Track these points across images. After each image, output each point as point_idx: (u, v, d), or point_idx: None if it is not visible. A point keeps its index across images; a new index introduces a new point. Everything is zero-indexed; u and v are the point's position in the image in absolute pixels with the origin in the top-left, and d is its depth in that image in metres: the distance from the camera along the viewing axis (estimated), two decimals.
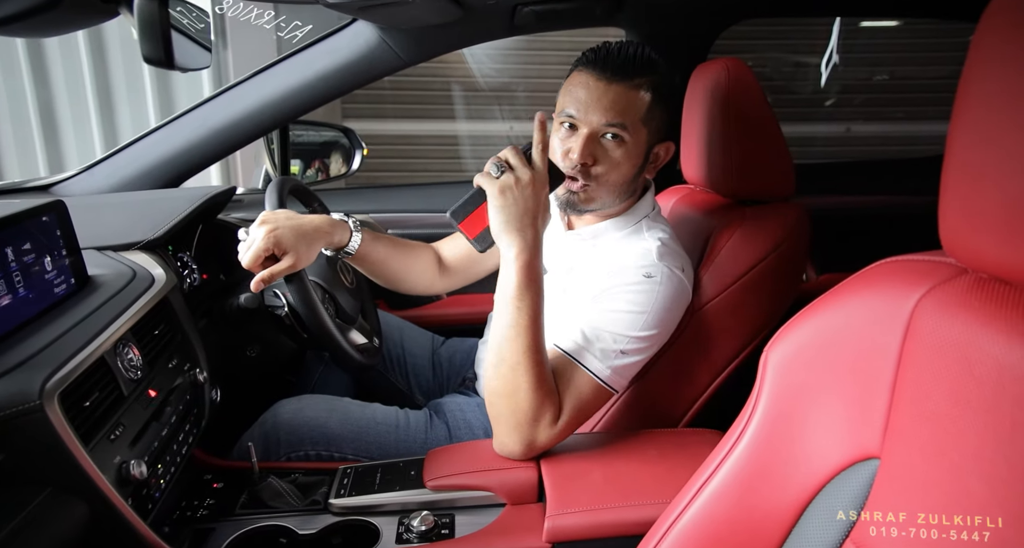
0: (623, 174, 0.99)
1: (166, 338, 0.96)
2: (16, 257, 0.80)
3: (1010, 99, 0.43)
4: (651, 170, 1.05)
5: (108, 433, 0.75)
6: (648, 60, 0.97)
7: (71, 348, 0.73)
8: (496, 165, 0.86)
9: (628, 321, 0.94)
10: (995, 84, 0.44)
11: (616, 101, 0.94)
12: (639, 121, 0.96)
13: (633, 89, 0.95)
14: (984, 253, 0.48)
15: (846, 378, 0.60)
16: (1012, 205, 0.43)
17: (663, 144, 1.03)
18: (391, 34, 1.29)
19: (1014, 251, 0.45)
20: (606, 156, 0.97)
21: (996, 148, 0.44)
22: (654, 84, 0.97)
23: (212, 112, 1.40)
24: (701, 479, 0.69)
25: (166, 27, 0.64)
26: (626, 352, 0.95)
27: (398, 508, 0.94)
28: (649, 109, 0.97)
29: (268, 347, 1.18)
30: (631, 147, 0.97)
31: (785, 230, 1.09)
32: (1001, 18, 0.44)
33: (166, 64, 0.68)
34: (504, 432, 0.92)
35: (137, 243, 1.04)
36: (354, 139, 1.76)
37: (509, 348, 0.88)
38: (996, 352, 0.48)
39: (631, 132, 0.96)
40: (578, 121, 0.97)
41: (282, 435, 1.09)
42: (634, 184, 1.03)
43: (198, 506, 0.96)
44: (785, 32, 3.41)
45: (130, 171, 1.47)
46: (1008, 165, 0.43)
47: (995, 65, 0.45)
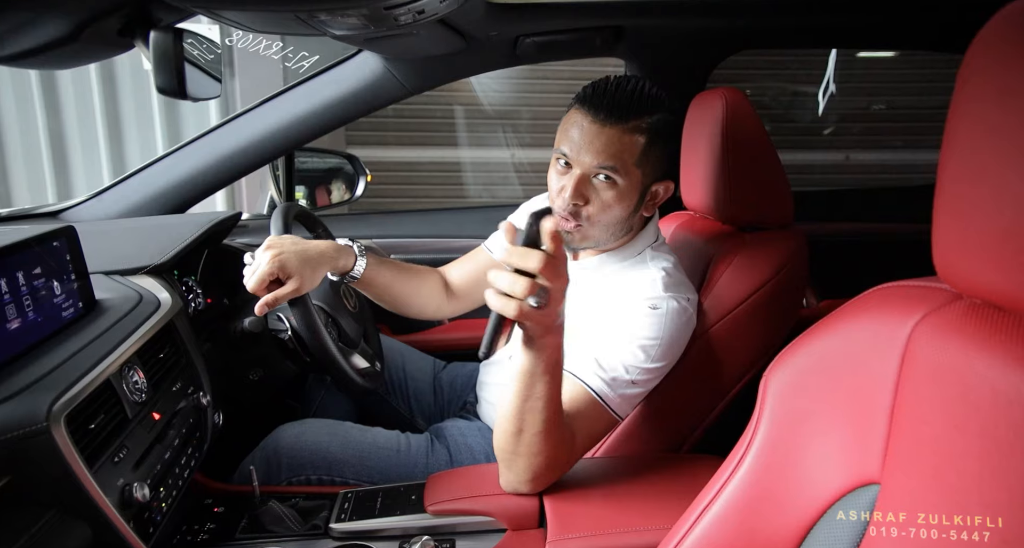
0: (615, 215, 0.99)
1: (171, 361, 0.97)
2: (26, 281, 0.82)
3: (996, 132, 0.44)
4: (649, 208, 1.04)
5: (112, 456, 0.75)
6: (646, 99, 0.96)
7: (78, 371, 0.74)
8: (537, 297, 0.72)
9: (638, 353, 0.95)
10: (981, 117, 0.45)
11: (608, 144, 0.94)
12: (632, 164, 0.96)
13: (627, 133, 0.94)
14: (977, 280, 0.48)
15: (845, 403, 0.60)
16: (1002, 234, 0.44)
17: (662, 183, 1.03)
18: (396, 64, 1.32)
19: (1006, 278, 0.46)
20: (597, 197, 0.97)
21: (984, 180, 0.45)
22: (651, 125, 0.96)
23: (219, 140, 1.43)
24: (702, 504, 0.69)
25: (179, 59, 0.67)
26: (636, 383, 0.95)
27: (399, 533, 0.93)
28: (644, 151, 0.96)
29: (271, 371, 1.18)
30: (623, 189, 0.97)
31: (784, 257, 1.10)
32: (986, 52, 0.46)
33: (179, 94, 0.70)
34: (520, 482, 0.91)
35: (144, 268, 1.06)
36: (358, 166, 1.79)
37: (535, 418, 0.84)
38: (991, 377, 0.49)
39: (623, 174, 0.95)
40: (571, 160, 0.97)
41: (283, 459, 1.09)
42: (629, 222, 1.03)
43: (198, 530, 0.96)
44: (784, 62, 3.47)
45: (138, 197, 1.50)
46: (996, 196, 0.44)
47: (981, 98, 0.46)
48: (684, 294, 1.01)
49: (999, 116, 0.44)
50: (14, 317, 0.79)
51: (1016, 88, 0.43)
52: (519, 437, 0.86)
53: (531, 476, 0.89)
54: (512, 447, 0.87)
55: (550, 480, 0.92)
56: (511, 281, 0.70)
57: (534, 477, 0.89)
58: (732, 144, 1.09)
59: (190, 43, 0.77)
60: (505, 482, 0.93)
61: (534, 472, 0.89)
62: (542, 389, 0.82)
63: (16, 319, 0.79)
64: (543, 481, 0.91)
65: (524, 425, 0.85)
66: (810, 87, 3.47)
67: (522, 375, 0.82)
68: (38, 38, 0.67)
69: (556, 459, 0.90)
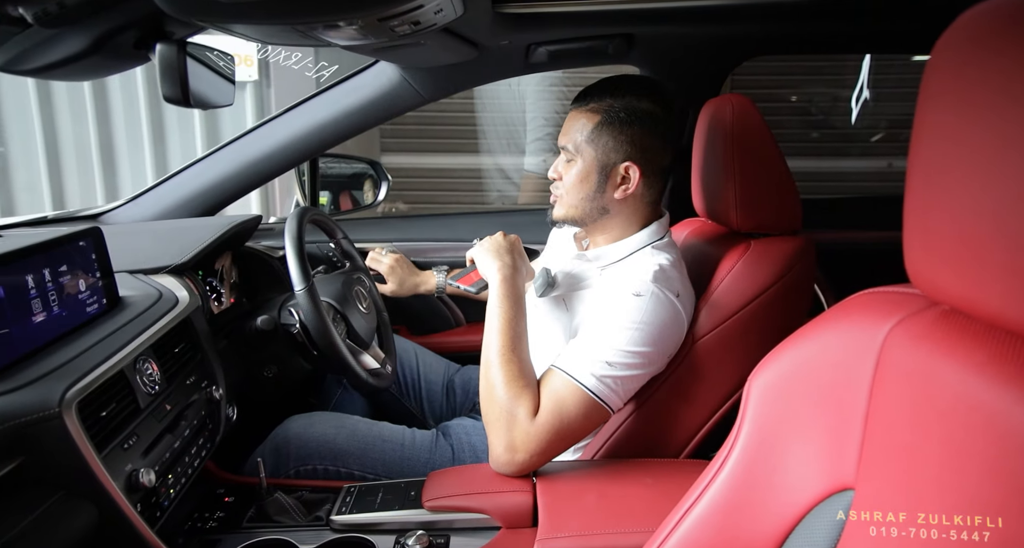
0: (579, 191, 1.08)
1: (186, 356, 1.02)
2: (53, 278, 0.88)
3: (955, 136, 0.44)
4: (621, 191, 1.07)
5: (122, 442, 0.80)
6: (612, 86, 1.05)
7: (92, 362, 0.79)
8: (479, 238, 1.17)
9: (614, 334, 0.96)
10: (941, 125, 0.46)
11: (570, 125, 1.08)
12: (583, 141, 1.06)
13: (583, 113, 1.06)
14: (944, 287, 0.48)
15: (823, 408, 0.60)
16: (961, 242, 0.44)
17: (623, 164, 1.05)
18: (412, 72, 1.36)
19: (970, 285, 0.46)
20: (566, 173, 1.09)
21: (946, 183, 0.45)
22: (608, 107, 1.04)
23: (245, 147, 1.50)
24: (684, 506, 0.69)
25: (183, 70, 0.72)
26: (612, 364, 0.95)
27: (396, 527, 0.96)
28: (595, 130, 1.05)
29: (284, 368, 1.23)
30: (579, 166, 1.07)
31: (788, 263, 1.09)
32: (947, 57, 0.46)
33: (183, 102, 0.75)
34: (491, 436, 0.98)
35: (165, 267, 1.12)
36: (380, 171, 1.84)
37: (487, 351, 1.02)
38: (953, 383, 0.49)
39: (574, 152, 1.07)
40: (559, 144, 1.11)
41: (292, 449, 1.13)
42: (598, 202, 1.08)
43: (208, 518, 1.01)
44: (825, 68, 3.41)
45: (170, 201, 1.57)
46: (956, 204, 0.44)
47: (941, 106, 0.46)
48: (673, 289, 1.01)
49: (957, 124, 0.45)
50: (39, 311, 0.85)
51: (971, 96, 0.44)
52: (483, 375, 1.01)
53: (494, 421, 0.97)
54: (481, 390, 1.01)
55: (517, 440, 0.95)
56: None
57: (498, 426, 0.96)
58: (738, 150, 1.09)
59: (205, 54, 0.82)
60: (491, 454, 0.98)
61: (496, 416, 0.97)
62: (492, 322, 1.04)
63: (41, 313, 0.85)
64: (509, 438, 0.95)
65: (485, 358, 1.02)
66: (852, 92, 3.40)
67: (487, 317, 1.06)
68: (61, 52, 0.73)
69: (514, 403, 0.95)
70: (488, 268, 1.10)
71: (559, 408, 0.95)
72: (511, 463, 0.95)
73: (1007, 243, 0.42)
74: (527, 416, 0.95)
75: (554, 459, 1.00)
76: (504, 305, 1.05)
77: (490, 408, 0.98)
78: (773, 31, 1.39)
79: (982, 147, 0.43)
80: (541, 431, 0.94)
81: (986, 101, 0.42)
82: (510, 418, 0.95)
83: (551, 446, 0.95)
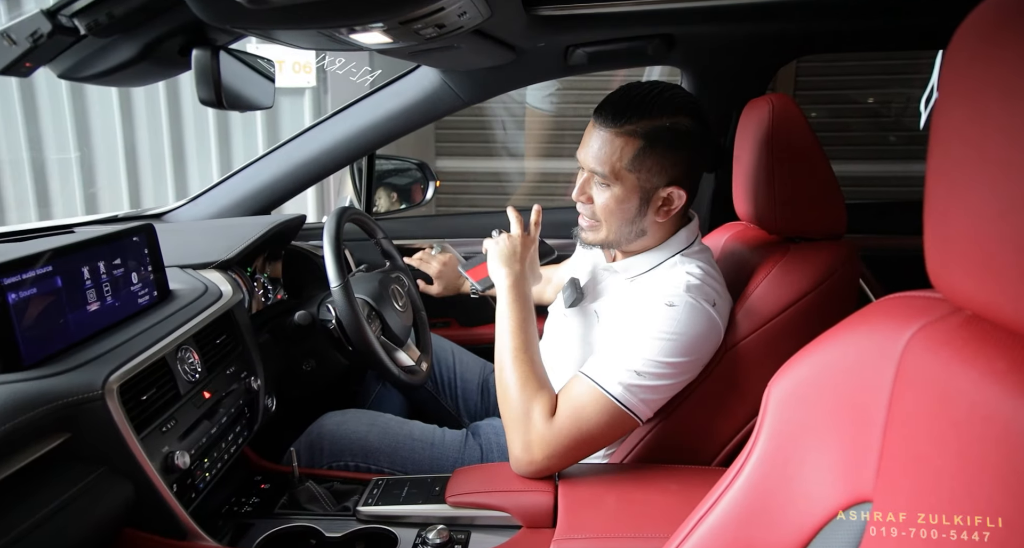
0: (618, 217, 1.02)
1: (227, 347, 1.07)
2: (107, 270, 0.94)
3: (970, 137, 0.43)
4: (663, 213, 1.02)
5: (161, 426, 0.85)
6: (648, 103, 0.96)
7: (136, 349, 0.85)
8: (497, 231, 1.16)
9: (650, 346, 0.94)
10: (958, 122, 0.44)
11: (601, 148, 0.98)
12: (623, 168, 0.98)
13: (619, 136, 0.97)
14: (964, 291, 0.46)
15: (841, 416, 0.58)
16: (982, 243, 0.42)
17: (671, 188, 1.00)
18: (452, 76, 1.39)
19: (989, 290, 0.44)
20: (598, 198, 1.02)
21: (964, 185, 0.44)
22: (647, 129, 0.96)
23: (294, 150, 1.56)
24: (699, 513, 0.68)
25: (216, 74, 0.76)
26: (641, 373, 0.93)
27: (419, 520, 0.98)
28: (638, 156, 0.97)
29: (322, 362, 1.27)
30: (618, 192, 1.00)
31: (827, 268, 1.05)
32: (959, 55, 0.44)
33: (217, 105, 0.80)
34: (509, 437, 0.98)
35: (212, 263, 1.18)
36: (428, 172, 1.89)
37: (500, 355, 1.03)
38: (969, 392, 0.47)
39: (612, 178, 0.99)
40: (581, 163, 1.03)
41: (326, 445, 1.17)
42: (639, 225, 1.03)
43: (244, 503, 1.06)
44: (893, 67, 3.26)
45: (226, 201, 1.66)
46: (975, 202, 0.42)
47: (956, 101, 0.45)
48: (709, 298, 0.98)
49: (971, 124, 0.43)
50: (94, 301, 0.91)
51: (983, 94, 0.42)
52: (498, 378, 1.01)
53: (511, 422, 0.97)
54: (498, 393, 1.00)
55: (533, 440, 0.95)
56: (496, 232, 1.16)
57: (515, 427, 0.97)
58: (778, 151, 1.06)
59: (242, 60, 0.87)
60: (513, 460, 0.98)
61: (513, 417, 0.97)
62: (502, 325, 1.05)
63: (95, 302, 0.91)
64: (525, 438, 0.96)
65: (499, 362, 1.02)
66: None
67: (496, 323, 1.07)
68: (113, 60, 0.79)
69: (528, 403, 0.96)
70: (497, 272, 1.12)
71: (578, 413, 0.94)
72: (530, 463, 0.95)
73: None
74: (543, 417, 0.95)
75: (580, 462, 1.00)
76: (513, 308, 1.06)
77: (507, 409, 0.99)
78: (815, 29, 1.34)
79: (997, 147, 0.41)
80: (558, 433, 0.94)
81: (997, 99, 0.40)
82: (526, 419, 0.96)
83: (569, 450, 0.95)
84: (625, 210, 1.01)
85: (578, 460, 0.97)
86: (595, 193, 1.02)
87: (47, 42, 0.70)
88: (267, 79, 0.92)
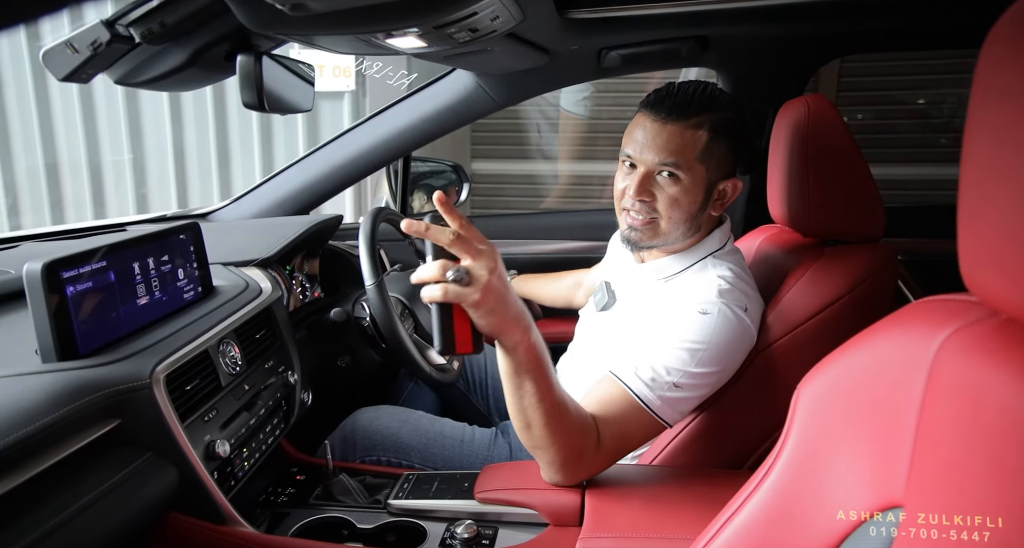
0: (683, 211, 1.01)
1: (266, 342, 1.11)
2: (155, 266, 0.99)
3: (1005, 136, 0.42)
4: (717, 207, 1.04)
5: (203, 415, 0.89)
6: (707, 98, 0.98)
7: (181, 341, 0.89)
8: (455, 272, 0.74)
9: (683, 356, 0.94)
10: (991, 121, 0.44)
11: (670, 140, 0.97)
12: (695, 159, 0.98)
13: (689, 128, 0.97)
14: (999, 294, 0.46)
15: (873, 420, 0.58)
16: (1018, 245, 0.42)
17: (728, 181, 1.03)
18: (486, 79, 1.41)
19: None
20: (662, 193, 1.00)
21: (998, 185, 0.43)
22: (713, 121, 0.98)
23: (332, 152, 1.61)
24: (726, 515, 0.68)
25: (259, 78, 0.80)
26: (680, 386, 0.94)
27: (448, 515, 1.00)
28: (707, 147, 0.98)
29: (356, 358, 1.31)
30: (687, 184, 0.99)
31: (863, 272, 1.03)
32: (999, 48, 0.44)
33: (259, 108, 0.83)
34: (551, 474, 0.94)
35: (253, 261, 1.22)
36: (462, 174, 1.92)
37: (535, 414, 0.87)
38: (1002, 396, 0.46)
39: (685, 170, 0.98)
40: (635, 160, 1.01)
41: (359, 440, 1.20)
42: (697, 220, 1.04)
43: (280, 493, 1.09)
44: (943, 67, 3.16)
45: (267, 202, 1.71)
46: (1009, 202, 0.42)
47: (990, 100, 0.44)
48: (741, 303, 0.98)
49: (1005, 122, 0.42)
50: (143, 295, 0.96)
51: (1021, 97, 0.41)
52: (529, 432, 0.89)
53: (557, 466, 0.92)
54: (528, 441, 0.91)
55: (582, 471, 0.93)
56: (427, 267, 0.75)
57: (561, 467, 0.92)
58: (814, 153, 1.05)
59: (284, 65, 0.90)
60: (544, 473, 0.97)
61: (559, 463, 0.91)
62: (530, 387, 0.84)
63: (144, 296, 0.96)
64: (573, 471, 0.93)
65: (529, 421, 0.88)
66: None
67: (506, 376, 0.85)
68: (164, 66, 0.83)
69: (577, 449, 0.91)
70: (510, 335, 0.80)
71: (623, 430, 0.93)
72: (568, 480, 0.95)
73: None
74: (593, 451, 0.92)
75: None
76: (541, 369, 0.84)
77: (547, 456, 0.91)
78: (851, 29, 1.32)
79: None
80: (608, 456, 0.94)
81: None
82: (576, 462, 0.92)
83: (612, 460, 0.96)
84: (691, 203, 1.00)
85: (609, 466, 0.97)
86: (659, 188, 1.00)
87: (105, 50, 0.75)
88: (307, 83, 0.96)
